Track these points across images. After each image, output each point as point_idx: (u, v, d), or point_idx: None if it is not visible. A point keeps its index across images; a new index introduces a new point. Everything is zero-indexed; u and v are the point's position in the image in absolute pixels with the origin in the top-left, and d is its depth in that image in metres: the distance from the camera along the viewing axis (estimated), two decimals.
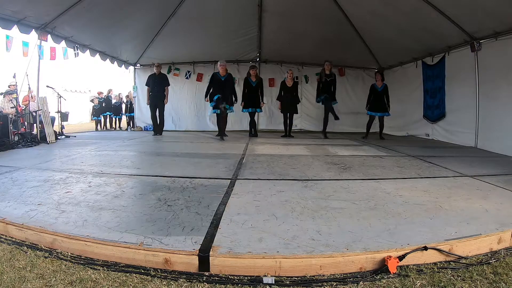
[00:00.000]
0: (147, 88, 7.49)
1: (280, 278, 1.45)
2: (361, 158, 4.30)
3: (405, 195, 2.48)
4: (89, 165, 3.57)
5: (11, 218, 1.91)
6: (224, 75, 6.49)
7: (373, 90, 7.06)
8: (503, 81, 4.95)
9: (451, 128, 6.38)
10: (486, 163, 4.03)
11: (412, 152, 4.86)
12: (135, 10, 6.47)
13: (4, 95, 7.04)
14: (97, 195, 2.39)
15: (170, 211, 2.05)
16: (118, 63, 8.80)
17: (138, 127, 9.60)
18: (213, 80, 6.46)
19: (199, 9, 6.96)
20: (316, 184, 2.79)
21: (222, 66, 6.51)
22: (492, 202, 2.33)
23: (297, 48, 8.24)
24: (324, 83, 6.92)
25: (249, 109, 7.02)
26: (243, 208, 2.14)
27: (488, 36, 5.18)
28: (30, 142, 5.41)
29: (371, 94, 7.08)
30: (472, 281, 1.42)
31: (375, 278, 1.44)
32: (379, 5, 5.87)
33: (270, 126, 9.19)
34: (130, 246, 1.57)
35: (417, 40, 6.58)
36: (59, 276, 1.42)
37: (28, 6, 5.06)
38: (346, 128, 8.90)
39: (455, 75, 6.17)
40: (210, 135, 7.42)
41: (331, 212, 2.07)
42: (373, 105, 7.04)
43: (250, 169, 3.40)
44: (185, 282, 1.41)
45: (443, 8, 5.09)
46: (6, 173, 3.11)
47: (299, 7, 6.66)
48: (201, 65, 9.24)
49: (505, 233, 1.79)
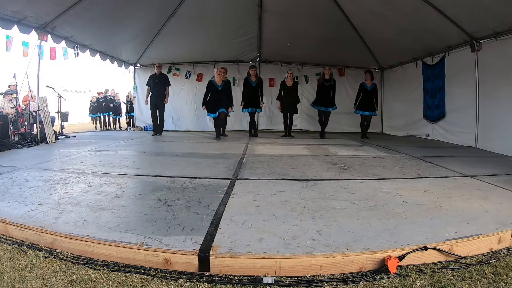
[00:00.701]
0: (148, 88, 7.50)
1: (280, 278, 1.45)
2: (361, 158, 4.30)
3: (405, 195, 2.48)
4: (89, 165, 3.57)
5: (11, 218, 1.91)
6: (221, 83, 6.42)
7: (362, 89, 7.03)
8: (503, 81, 4.95)
9: (451, 128, 6.38)
10: (486, 163, 4.03)
11: (412, 152, 4.86)
12: (135, 10, 6.47)
13: (4, 95, 7.04)
14: (97, 195, 2.39)
15: (170, 211, 2.05)
16: (118, 63, 8.80)
17: (138, 127, 9.60)
18: (209, 88, 6.43)
19: (199, 9, 6.96)
20: (316, 184, 2.79)
21: (218, 73, 6.42)
22: (492, 202, 2.33)
23: (297, 48, 8.24)
24: (322, 88, 6.90)
25: (249, 109, 7.02)
26: (243, 208, 2.14)
27: (488, 36, 5.18)
28: (30, 142, 5.41)
29: (360, 93, 7.05)
30: (472, 281, 1.42)
31: (375, 278, 1.44)
32: (379, 5, 5.86)
33: (270, 126, 9.19)
34: (130, 246, 1.57)
35: (417, 40, 6.58)
36: (59, 276, 1.42)
37: (28, 6, 5.06)
38: (346, 128, 8.91)
39: (455, 75, 6.17)
40: (210, 135, 7.42)
41: (331, 212, 2.07)
42: (362, 104, 7.02)
43: (250, 169, 3.40)
44: (185, 282, 1.41)
45: (443, 8, 5.09)
46: (6, 173, 3.11)
47: (299, 7, 6.66)
48: (201, 65, 9.24)
49: (505, 233, 1.79)
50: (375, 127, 9.35)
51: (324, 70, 7.01)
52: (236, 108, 7.48)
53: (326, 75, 6.90)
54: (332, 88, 6.94)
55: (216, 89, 6.41)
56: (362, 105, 7.03)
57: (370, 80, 6.98)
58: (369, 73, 7.06)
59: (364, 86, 7.01)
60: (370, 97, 6.95)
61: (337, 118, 8.43)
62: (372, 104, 6.97)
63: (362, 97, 7.02)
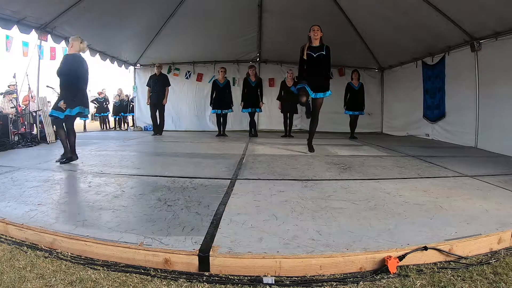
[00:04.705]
0: (148, 88, 7.51)
1: (280, 278, 1.45)
2: (361, 158, 4.30)
3: (405, 195, 2.48)
4: (89, 165, 3.57)
5: (11, 218, 1.90)
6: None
7: (349, 89, 6.99)
8: (503, 81, 4.95)
9: (451, 128, 6.38)
10: (486, 163, 4.03)
11: (412, 152, 4.86)
12: (135, 10, 6.47)
13: (4, 95, 7.05)
14: (97, 195, 2.39)
15: (170, 211, 2.05)
16: (118, 63, 8.80)
17: (138, 127, 9.60)
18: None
19: (199, 9, 6.96)
20: (316, 184, 2.79)
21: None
22: (492, 202, 2.33)
23: (297, 48, 8.22)
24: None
25: (248, 109, 7.03)
26: (243, 208, 2.13)
27: (488, 36, 5.18)
28: (30, 142, 5.41)
29: (347, 93, 7.00)
30: (472, 281, 1.42)
31: (375, 278, 1.44)
32: (379, 5, 5.86)
33: (270, 126, 9.19)
34: (130, 246, 1.57)
35: (417, 40, 6.58)
36: (59, 276, 1.42)
37: (28, 6, 5.06)
38: (346, 128, 8.89)
39: (455, 75, 6.17)
40: (210, 135, 7.43)
41: (331, 212, 2.07)
42: (350, 104, 6.99)
43: (250, 169, 3.40)
44: (185, 282, 1.41)
45: (443, 8, 5.09)
46: (6, 173, 3.11)
47: (299, 7, 6.66)
48: (201, 65, 9.25)
49: (505, 233, 1.78)
50: (375, 127, 9.38)
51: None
52: (236, 108, 7.49)
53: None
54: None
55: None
56: (350, 105, 6.99)
57: (357, 79, 6.96)
58: (356, 72, 7.03)
59: (351, 86, 6.97)
60: (357, 96, 6.92)
61: (335, 118, 8.43)
62: (360, 104, 6.95)
63: (349, 97, 6.98)
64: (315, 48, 4.32)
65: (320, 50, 4.32)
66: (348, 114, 7.10)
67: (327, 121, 7.57)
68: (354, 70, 7.14)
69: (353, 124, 7.15)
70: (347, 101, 7.01)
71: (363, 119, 7.65)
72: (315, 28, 4.35)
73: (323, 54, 4.32)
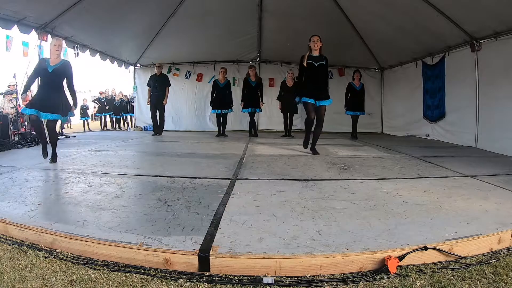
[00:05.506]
0: (148, 88, 7.51)
1: (280, 278, 1.45)
2: (361, 158, 4.30)
3: (405, 195, 2.48)
4: (89, 165, 3.57)
5: (11, 218, 1.91)
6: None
7: (351, 89, 6.93)
8: (503, 81, 4.95)
9: (451, 128, 6.38)
10: (486, 163, 4.03)
11: (412, 152, 4.86)
12: (135, 10, 6.47)
13: (4, 95, 7.05)
14: (97, 195, 2.39)
15: (170, 211, 2.05)
16: (118, 63, 8.80)
17: (138, 127, 9.60)
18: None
19: (199, 9, 6.96)
20: (316, 184, 2.79)
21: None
22: (492, 202, 2.33)
23: (297, 48, 8.22)
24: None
25: (248, 109, 7.03)
26: (243, 208, 2.13)
27: (488, 36, 5.18)
28: (30, 142, 5.41)
29: (348, 93, 6.94)
30: (472, 281, 1.42)
31: (375, 278, 1.44)
32: (379, 5, 5.86)
33: (270, 126, 9.19)
34: (130, 246, 1.57)
35: (417, 40, 6.58)
36: (59, 276, 1.42)
37: (28, 6, 5.06)
38: (346, 128, 8.89)
39: (455, 75, 6.17)
40: (210, 135, 7.42)
41: (331, 212, 2.07)
42: (351, 104, 6.94)
43: (250, 169, 3.40)
44: (185, 282, 1.41)
45: (443, 8, 5.09)
46: (6, 173, 3.11)
47: (299, 7, 6.65)
48: (201, 65, 9.25)
49: (505, 233, 1.79)
50: (375, 127, 9.38)
51: None
52: (236, 108, 7.49)
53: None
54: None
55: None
56: (351, 105, 6.94)
57: (358, 80, 6.89)
58: (358, 73, 6.97)
59: (353, 86, 6.91)
60: (358, 97, 6.88)
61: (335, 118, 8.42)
62: (361, 104, 6.92)
63: (350, 97, 6.93)
64: (315, 57, 4.41)
65: (320, 60, 4.42)
66: (349, 114, 7.10)
67: (327, 121, 7.52)
68: (356, 70, 7.09)
69: (355, 125, 7.14)
70: (348, 101, 6.98)
71: (363, 119, 7.63)
72: (315, 38, 4.41)
73: (323, 64, 4.44)
